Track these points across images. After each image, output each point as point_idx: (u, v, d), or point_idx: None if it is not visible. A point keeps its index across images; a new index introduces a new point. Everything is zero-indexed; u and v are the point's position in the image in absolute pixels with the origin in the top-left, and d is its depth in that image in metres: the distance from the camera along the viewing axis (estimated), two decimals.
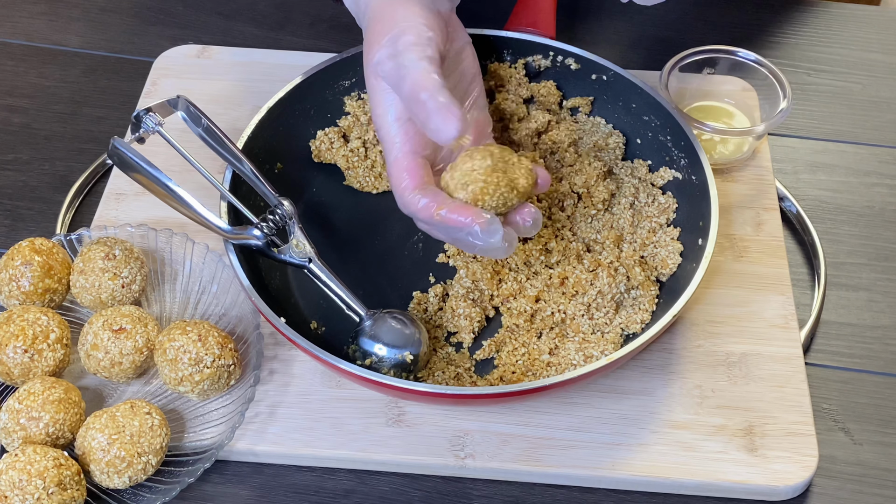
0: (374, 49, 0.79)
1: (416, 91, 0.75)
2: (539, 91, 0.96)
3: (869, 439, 0.83)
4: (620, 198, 0.91)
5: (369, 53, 0.80)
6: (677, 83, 0.98)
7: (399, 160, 0.78)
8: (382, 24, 0.79)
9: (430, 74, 0.75)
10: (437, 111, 0.73)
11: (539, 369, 0.82)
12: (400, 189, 0.78)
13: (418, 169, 0.78)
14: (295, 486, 0.81)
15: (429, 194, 0.76)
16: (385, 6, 0.80)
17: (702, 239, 0.84)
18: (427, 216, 0.76)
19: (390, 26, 0.78)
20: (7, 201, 0.97)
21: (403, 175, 0.77)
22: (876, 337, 0.89)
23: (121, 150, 0.81)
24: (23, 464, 0.73)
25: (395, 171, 0.78)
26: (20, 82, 1.07)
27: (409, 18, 0.78)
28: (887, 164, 1.01)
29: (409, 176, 0.77)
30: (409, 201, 0.77)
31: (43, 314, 0.82)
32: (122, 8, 1.14)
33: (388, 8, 0.79)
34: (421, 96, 0.74)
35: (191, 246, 0.89)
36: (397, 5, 0.79)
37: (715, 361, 0.85)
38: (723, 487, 0.79)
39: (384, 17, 0.79)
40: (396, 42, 0.77)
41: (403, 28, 0.77)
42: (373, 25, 0.80)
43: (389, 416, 0.82)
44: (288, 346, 0.85)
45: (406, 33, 0.77)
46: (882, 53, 1.10)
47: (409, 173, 0.77)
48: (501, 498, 0.80)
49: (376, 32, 0.79)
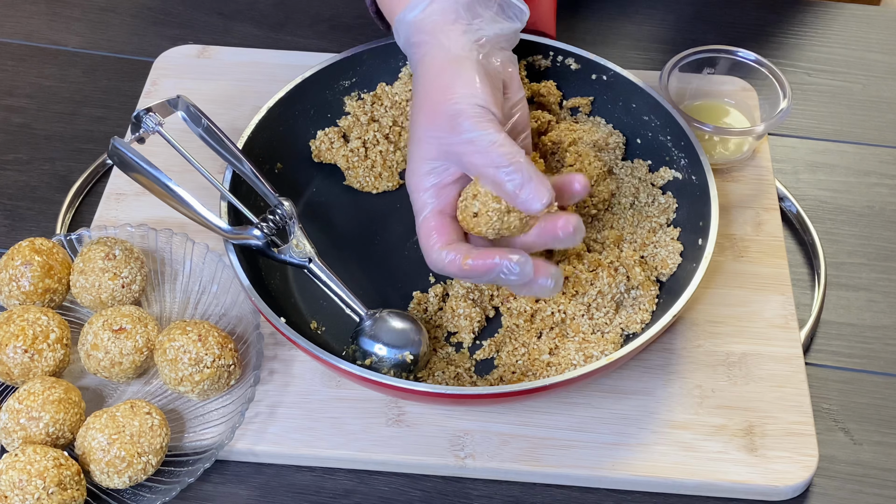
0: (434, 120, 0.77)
1: (498, 164, 0.74)
2: (539, 91, 0.96)
3: (869, 439, 0.83)
4: (620, 198, 0.91)
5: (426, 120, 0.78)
6: (677, 83, 0.98)
7: (428, 219, 0.79)
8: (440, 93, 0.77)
9: (509, 148, 0.75)
10: (527, 183, 0.74)
11: (539, 369, 0.82)
12: (428, 247, 0.78)
13: (446, 227, 0.79)
14: (295, 486, 0.81)
15: (454, 249, 0.77)
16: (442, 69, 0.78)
17: (702, 239, 0.84)
18: (457, 270, 0.77)
19: (449, 96, 0.77)
20: (7, 201, 0.97)
21: (432, 234, 0.78)
22: (876, 337, 0.89)
23: (121, 150, 0.81)
24: (23, 464, 0.73)
25: (425, 231, 0.79)
26: (20, 82, 1.07)
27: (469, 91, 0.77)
28: (887, 164, 1.01)
29: (437, 234, 0.78)
30: (437, 259, 0.78)
31: (43, 314, 0.82)
32: (122, 8, 1.14)
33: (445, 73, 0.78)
34: (504, 171, 0.74)
35: (191, 246, 0.89)
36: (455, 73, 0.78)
37: (715, 361, 0.85)
38: (723, 487, 0.79)
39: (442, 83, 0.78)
40: (460, 117, 0.76)
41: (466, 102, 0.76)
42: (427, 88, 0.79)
43: (389, 416, 0.82)
44: (288, 346, 0.85)
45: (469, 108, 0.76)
46: (882, 53, 1.10)
47: (437, 232, 0.78)
48: (501, 498, 0.80)
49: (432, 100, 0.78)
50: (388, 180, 0.94)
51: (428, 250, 0.78)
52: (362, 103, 0.96)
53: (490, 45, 0.80)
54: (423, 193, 0.79)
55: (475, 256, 0.76)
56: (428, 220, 0.79)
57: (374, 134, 0.95)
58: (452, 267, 0.77)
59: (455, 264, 0.77)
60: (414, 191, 0.80)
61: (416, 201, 0.80)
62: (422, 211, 0.79)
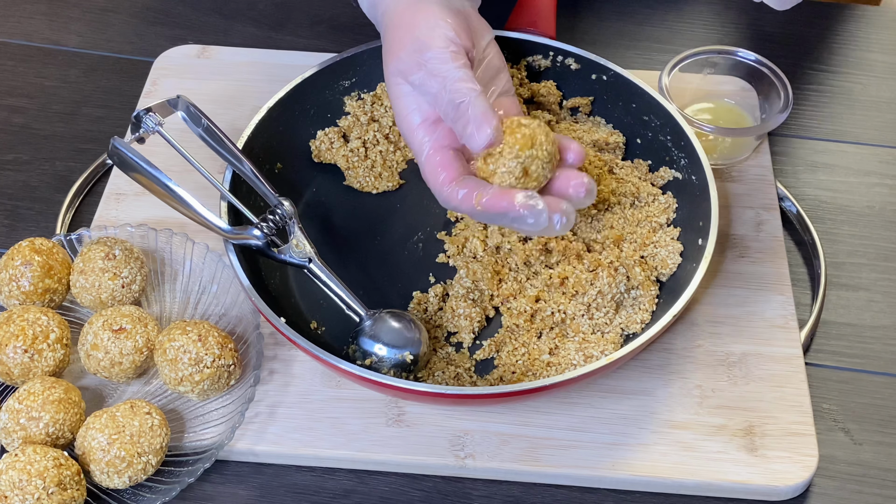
0: (398, 55, 0.78)
1: (454, 99, 0.74)
2: (539, 91, 0.96)
3: (869, 439, 0.83)
4: (620, 197, 0.91)
5: (391, 59, 0.79)
6: (677, 83, 0.98)
7: (431, 156, 0.77)
8: (404, 30, 0.78)
9: (466, 83, 0.75)
10: (474, 119, 0.73)
11: (539, 369, 0.82)
12: (437, 185, 0.77)
13: (452, 161, 0.77)
14: (295, 486, 0.81)
15: (467, 184, 0.75)
16: (404, 10, 0.79)
17: (702, 239, 0.84)
18: (469, 207, 0.75)
19: (412, 32, 0.77)
20: (7, 201, 0.97)
21: (438, 170, 0.77)
22: (876, 337, 0.89)
23: (121, 150, 0.81)
24: (23, 464, 0.73)
25: (430, 168, 0.77)
26: (20, 82, 1.07)
27: (432, 22, 0.77)
28: (887, 164, 1.01)
29: (443, 170, 0.76)
30: (449, 195, 0.76)
31: (43, 314, 0.82)
32: (122, 8, 1.14)
33: (407, 12, 0.79)
34: (459, 105, 0.74)
35: (191, 246, 0.89)
36: (417, 9, 0.78)
37: (715, 361, 0.85)
38: (723, 487, 0.79)
39: (404, 22, 0.78)
40: (424, 49, 0.76)
41: (429, 34, 0.77)
42: (393, 31, 0.79)
43: (389, 416, 0.82)
44: (288, 346, 0.85)
45: (434, 40, 0.76)
46: (882, 53, 1.10)
47: (443, 167, 0.77)
48: (501, 498, 0.80)
49: (397, 39, 0.78)
50: (388, 180, 0.94)
51: (438, 188, 0.77)
52: (362, 103, 0.96)
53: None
54: (416, 132, 0.78)
55: (488, 196, 0.74)
56: (431, 157, 0.77)
57: (374, 134, 0.95)
58: (465, 204, 0.75)
59: (468, 201, 0.75)
60: (406, 134, 0.79)
61: (413, 143, 0.79)
62: (421, 151, 0.78)
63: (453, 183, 0.76)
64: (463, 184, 0.76)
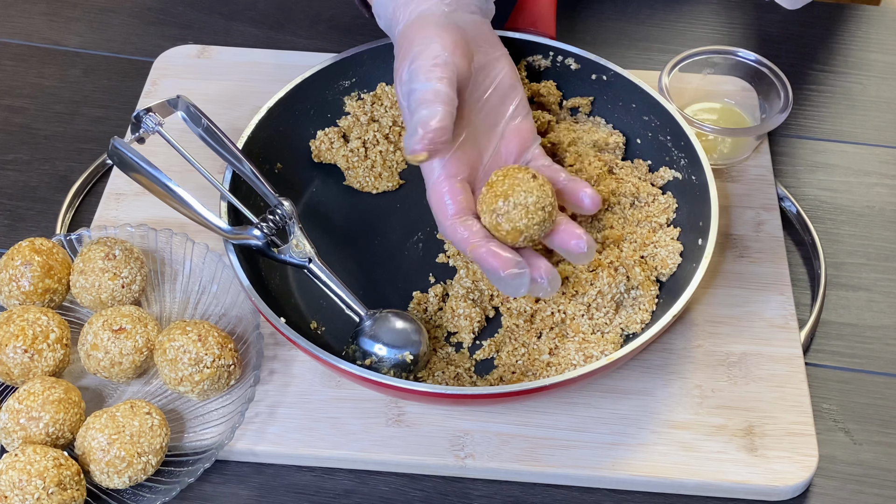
0: (400, 73, 0.81)
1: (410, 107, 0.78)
2: (539, 91, 0.96)
3: (869, 439, 0.83)
4: (620, 197, 0.91)
5: (395, 75, 0.82)
6: (677, 83, 0.98)
7: (439, 183, 0.79)
8: (405, 47, 0.81)
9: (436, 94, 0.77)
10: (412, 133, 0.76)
11: (539, 369, 0.82)
12: (441, 215, 0.79)
13: (458, 194, 0.79)
14: (295, 486, 0.81)
15: (468, 228, 0.78)
16: (408, 29, 0.81)
17: (702, 239, 0.84)
18: (463, 249, 0.78)
19: (411, 49, 0.80)
20: (7, 201, 0.97)
21: (444, 199, 0.79)
22: (876, 337, 0.89)
23: (121, 150, 0.81)
24: (23, 464, 0.73)
25: (436, 197, 0.80)
26: (20, 82, 1.07)
27: (425, 40, 0.79)
28: (887, 164, 1.01)
29: (450, 201, 0.79)
30: (449, 230, 0.79)
31: (43, 314, 0.82)
32: (122, 8, 1.14)
33: (410, 31, 0.81)
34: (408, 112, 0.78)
35: (191, 246, 0.89)
36: (419, 28, 0.81)
37: (715, 361, 0.85)
38: (723, 487, 0.79)
39: (407, 39, 0.81)
40: (412, 65, 0.79)
41: (418, 51, 0.79)
42: (398, 48, 0.82)
43: (389, 416, 0.82)
44: (288, 346, 0.85)
45: (420, 56, 0.79)
46: (882, 53, 1.10)
47: (450, 197, 0.79)
48: (501, 498, 0.80)
49: (400, 55, 0.81)
50: (388, 180, 0.94)
51: (440, 219, 0.79)
52: (362, 103, 0.96)
53: (457, 4, 0.82)
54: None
55: (486, 250, 0.76)
56: (438, 184, 0.79)
57: (374, 134, 0.95)
58: (461, 244, 0.78)
59: (464, 244, 0.78)
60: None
61: (423, 164, 0.80)
62: (430, 175, 0.80)
63: (456, 218, 0.79)
64: (465, 226, 0.78)
